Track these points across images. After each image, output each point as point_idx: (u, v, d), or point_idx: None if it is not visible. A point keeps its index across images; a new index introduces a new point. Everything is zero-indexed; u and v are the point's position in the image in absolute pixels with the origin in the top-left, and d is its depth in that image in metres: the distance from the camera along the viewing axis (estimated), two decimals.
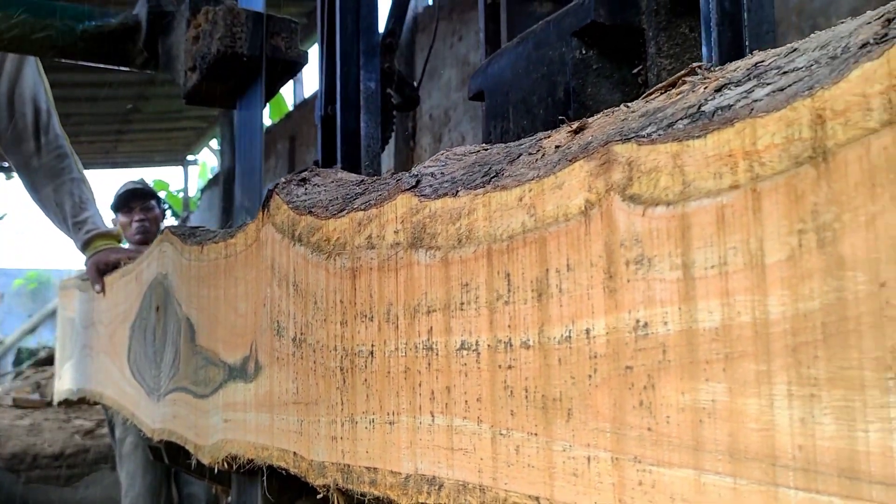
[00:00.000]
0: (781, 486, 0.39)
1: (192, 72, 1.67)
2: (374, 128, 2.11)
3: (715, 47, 1.04)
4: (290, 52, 1.63)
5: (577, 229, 0.51)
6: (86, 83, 7.59)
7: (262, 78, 1.58)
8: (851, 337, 0.36)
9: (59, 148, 2.67)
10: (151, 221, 3.50)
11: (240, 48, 1.54)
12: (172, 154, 12.13)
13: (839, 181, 0.37)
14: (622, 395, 0.48)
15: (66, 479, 4.81)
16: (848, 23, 0.41)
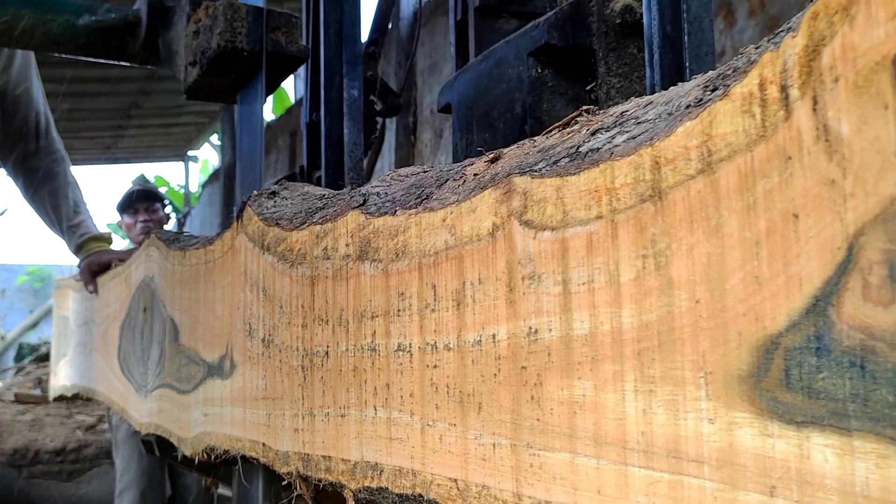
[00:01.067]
0: (629, 466, 0.47)
1: (193, 67, 1.67)
2: (357, 134, 2.18)
3: (657, 68, 1.13)
4: (291, 46, 1.62)
5: (486, 248, 0.60)
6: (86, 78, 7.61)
7: (263, 73, 1.58)
8: (677, 344, 0.44)
9: (57, 151, 2.73)
10: (156, 223, 3.58)
11: (240, 43, 1.53)
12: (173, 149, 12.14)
13: (669, 216, 0.45)
14: (518, 391, 0.56)
15: (67, 474, 4.81)
16: (686, 84, 0.49)
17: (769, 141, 0.40)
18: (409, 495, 0.68)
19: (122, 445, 3.05)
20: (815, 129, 0.38)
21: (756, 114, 0.40)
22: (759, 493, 0.40)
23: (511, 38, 1.29)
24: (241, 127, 1.80)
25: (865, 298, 0.35)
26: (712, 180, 0.42)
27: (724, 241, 0.42)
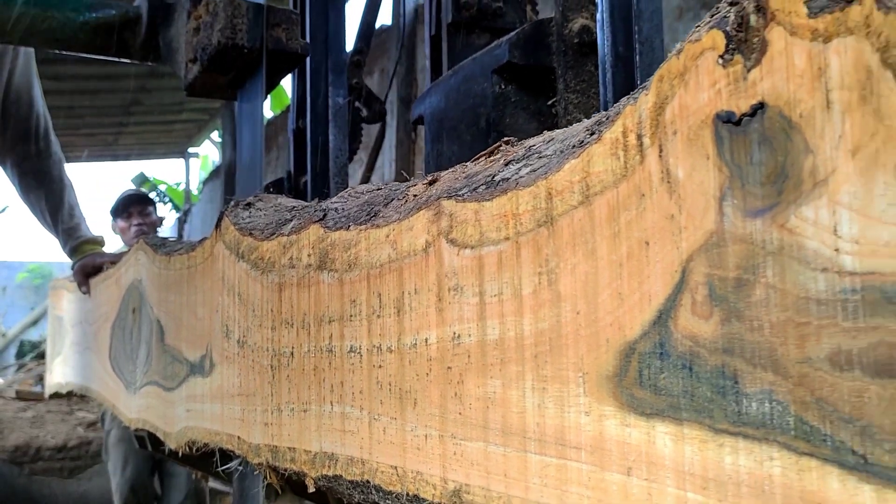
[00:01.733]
0: (528, 452, 0.55)
1: (193, 63, 1.66)
2: (342, 140, 2.25)
3: (610, 86, 1.20)
4: (291, 43, 1.62)
5: (421, 262, 0.67)
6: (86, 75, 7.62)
7: (263, 70, 1.57)
8: (563, 348, 0.52)
9: (55, 154, 2.80)
10: (149, 226, 3.69)
11: (240, 40, 1.52)
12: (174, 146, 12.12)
13: (559, 240, 0.53)
14: (445, 389, 0.64)
15: (69, 471, 4.87)
16: (578, 125, 0.57)
17: (629, 180, 0.48)
18: (358, 482, 0.76)
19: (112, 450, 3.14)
20: (660, 172, 0.45)
21: (620, 157, 0.48)
22: (620, 474, 0.47)
23: (477, 55, 1.37)
24: (241, 124, 1.80)
25: (693, 313, 0.43)
26: (589, 211, 0.50)
27: (597, 263, 0.50)
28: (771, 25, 0.39)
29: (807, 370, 0.37)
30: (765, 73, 0.40)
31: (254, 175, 1.72)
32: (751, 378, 0.40)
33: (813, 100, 0.37)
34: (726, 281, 0.41)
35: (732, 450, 0.41)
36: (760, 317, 0.40)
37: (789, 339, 0.38)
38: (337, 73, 2.24)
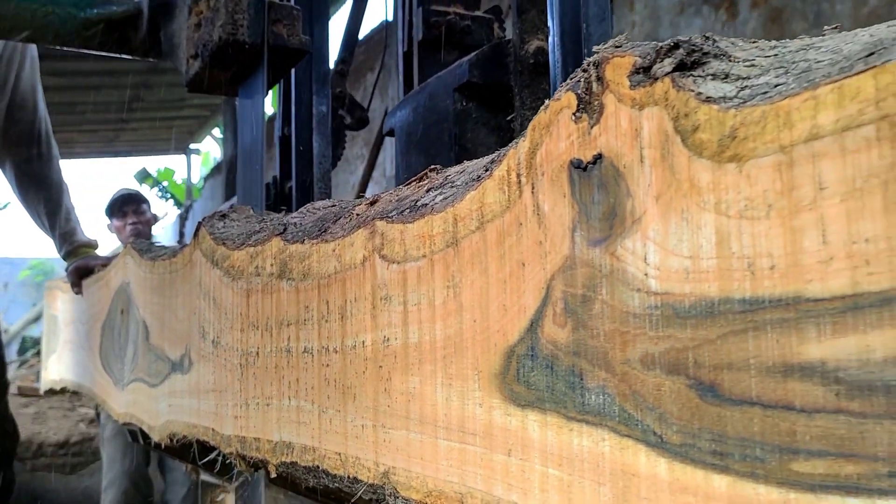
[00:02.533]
0: (439, 439, 0.65)
1: (194, 59, 1.65)
2: (326, 147, 2.35)
3: None
4: (293, 39, 1.61)
5: (359, 274, 0.77)
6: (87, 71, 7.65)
7: (265, 66, 1.57)
8: (464, 351, 0.62)
9: (55, 158, 2.88)
10: (144, 224, 3.78)
11: (242, 35, 1.51)
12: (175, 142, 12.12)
13: (461, 259, 0.62)
14: (377, 385, 0.74)
15: (71, 466, 4.87)
16: (482, 160, 0.67)
17: (511, 211, 0.57)
18: (310, 467, 0.86)
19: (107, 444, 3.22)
20: (533, 205, 0.55)
21: (505, 191, 0.58)
22: (503, 454, 0.57)
23: (442, 73, 1.47)
24: (242, 120, 1.77)
25: (553, 322, 0.53)
26: (483, 235, 0.60)
27: (489, 279, 0.59)
28: (606, 92, 0.49)
29: (627, 369, 0.47)
30: (602, 130, 0.49)
31: (255, 171, 1.70)
32: (591, 375, 0.50)
33: (632, 154, 0.47)
34: (576, 297, 0.51)
35: (578, 433, 0.51)
36: (597, 326, 0.49)
37: (616, 344, 0.48)
38: (320, 83, 2.34)
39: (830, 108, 0.36)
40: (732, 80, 0.42)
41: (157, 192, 13.36)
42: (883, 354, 0.34)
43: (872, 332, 0.35)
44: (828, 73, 0.37)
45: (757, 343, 0.39)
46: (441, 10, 1.67)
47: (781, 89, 0.39)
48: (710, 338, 0.42)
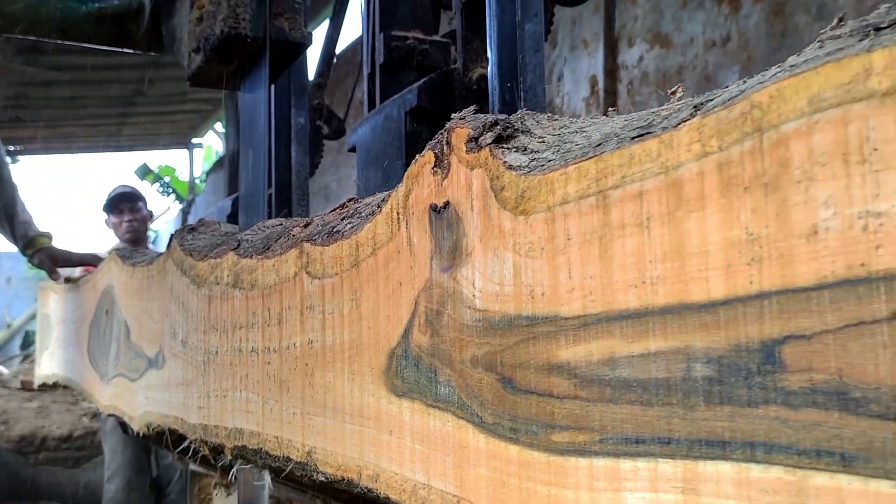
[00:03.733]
0: (346, 423, 0.79)
1: (196, 53, 1.65)
2: (303, 157, 2.49)
3: None
4: (295, 33, 1.60)
5: (292, 286, 0.92)
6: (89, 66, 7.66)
7: (267, 60, 1.57)
8: (363, 351, 0.77)
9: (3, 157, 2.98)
10: (140, 222, 3.88)
11: (243, 29, 1.51)
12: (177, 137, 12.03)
13: (361, 277, 0.77)
14: (304, 379, 0.88)
15: (74, 461, 4.90)
16: (379, 195, 0.81)
17: (393, 240, 0.72)
18: (256, 449, 1.01)
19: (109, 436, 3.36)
20: (407, 237, 0.70)
21: (390, 224, 0.73)
22: (386, 434, 0.72)
23: (396, 97, 1.61)
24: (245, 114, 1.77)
25: (419, 330, 0.68)
26: (376, 259, 0.75)
27: (378, 294, 0.74)
28: (452, 154, 0.64)
29: (462, 367, 0.62)
30: (449, 183, 0.64)
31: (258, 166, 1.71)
32: (441, 372, 0.65)
33: (466, 203, 0.62)
34: (433, 311, 0.66)
35: (433, 417, 0.65)
36: (446, 334, 0.64)
37: (457, 348, 0.63)
38: (299, 96, 2.47)
39: (573, 182, 0.51)
40: (528, 153, 0.57)
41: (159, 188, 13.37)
42: (598, 358, 0.49)
43: (593, 342, 0.49)
44: (576, 155, 0.52)
45: (535, 349, 0.54)
46: (401, 35, 1.81)
47: (552, 164, 0.54)
48: (509, 344, 0.57)
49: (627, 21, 4.65)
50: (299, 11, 1.68)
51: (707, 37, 4.11)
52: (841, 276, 0.36)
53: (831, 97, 0.36)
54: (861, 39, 0.36)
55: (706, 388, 0.42)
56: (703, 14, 4.11)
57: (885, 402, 0.34)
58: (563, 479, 0.51)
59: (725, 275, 0.41)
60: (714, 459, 0.42)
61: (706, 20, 4.08)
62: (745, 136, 0.40)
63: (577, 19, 5.01)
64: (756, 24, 3.79)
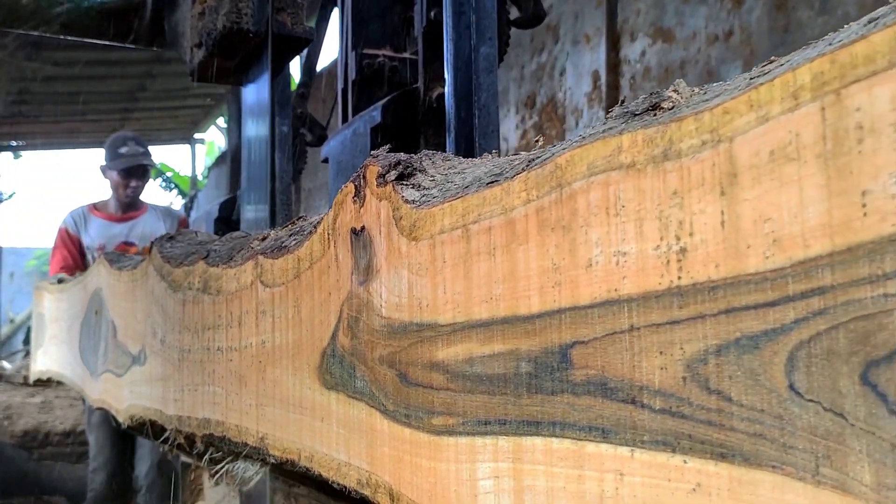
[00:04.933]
0: (289, 412, 0.92)
1: (198, 48, 1.69)
2: (287, 163, 2.60)
3: (453, 144, 1.57)
4: (296, 28, 1.63)
5: (249, 293, 1.05)
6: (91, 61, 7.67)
7: (269, 54, 1.60)
8: (303, 350, 0.89)
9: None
10: (144, 186, 3.73)
11: (245, 24, 1.54)
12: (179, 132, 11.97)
13: (301, 287, 0.90)
14: (258, 374, 1.01)
15: (77, 456, 4.87)
16: (316, 217, 0.94)
17: (325, 256, 0.85)
18: (221, 437, 1.14)
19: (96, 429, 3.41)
20: (335, 254, 0.83)
21: (323, 242, 0.85)
22: (319, 421, 0.85)
23: (363, 113, 1.74)
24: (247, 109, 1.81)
25: (342, 333, 0.80)
26: (312, 272, 0.87)
27: (313, 302, 0.87)
28: (366, 187, 0.76)
29: (373, 365, 0.75)
30: (365, 211, 0.77)
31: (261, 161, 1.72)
32: (358, 368, 0.77)
33: (377, 229, 0.74)
34: (352, 317, 0.79)
35: (352, 406, 0.78)
36: (361, 337, 0.77)
37: (369, 349, 0.75)
38: (282, 105, 2.59)
39: (448, 216, 0.64)
40: (421, 190, 0.70)
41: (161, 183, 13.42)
42: (462, 357, 0.62)
43: (459, 345, 0.62)
44: (452, 194, 0.64)
45: (421, 350, 0.67)
46: (372, 54, 1.94)
47: (435, 200, 0.66)
48: (405, 346, 0.69)
49: (630, 15, 4.64)
50: (301, 6, 1.71)
51: (709, 31, 4.08)
52: (604, 297, 0.49)
53: (600, 165, 0.49)
54: (622, 122, 0.49)
55: (527, 381, 0.55)
56: (705, 8, 4.11)
57: (627, 390, 0.47)
58: (439, 454, 0.64)
59: (540, 294, 0.54)
60: (531, 436, 0.54)
61: (709, 15, 4.09)
62: (552, 189, 0.53)
63: (579, 14, 5.00)
64: (758, 18, 3.80)
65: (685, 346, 0.43)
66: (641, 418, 0.46)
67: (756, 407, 0.39)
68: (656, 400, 0.45)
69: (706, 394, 0.42)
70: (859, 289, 0.35)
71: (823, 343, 0.36)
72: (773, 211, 0.39)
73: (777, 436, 0.38)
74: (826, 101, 0.36)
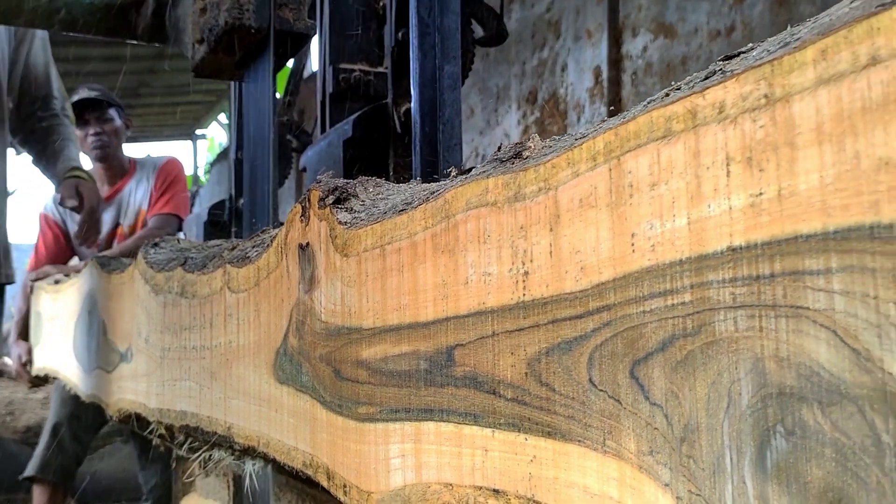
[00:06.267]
0: (250, 404, 1.04)
1: (200, 44, 1.69)
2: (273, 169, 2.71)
3: (419, 156, 1.69)
4: (298, 23, 1.64)
5: (219, 298, 1.17)
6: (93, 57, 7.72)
7: (271, 50, 1.61)
8: (262, 349, 1.01)
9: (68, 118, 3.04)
10: (110, 134, 3.23)
11: (247, 20, 1.55)
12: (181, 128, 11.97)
13: (261, 293, 1.02)
14: (226, 370, 1.13)
15: None
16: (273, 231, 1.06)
17: (279, 267, 0.97)
18: (194, 427, 1.26)
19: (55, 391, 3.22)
20: (286, 266, 0.94)
21: (277, 255, 0.97)
22: (275, 412, 0.97)
23: (337, 126, 1.85)
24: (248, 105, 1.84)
25: (292, 335, 0.92)
26: (269, 280, 0.99)
27: (271, 307, 0.99)
28: (310, 208, 0.88)
29: (315, 362, 0.87)
30: (309, 229, 0.88)
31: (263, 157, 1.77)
32: (304, 366, 0.89)
33: (318, 245, 0.86)
34: (300, 321, 0.90)
35: (300, 398, 0.90)
36: (306, 338, 0.89)
37: (312, 348, 0.87)
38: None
39: (370, 237, 0.76)
40: (352, 213, 0.82)
41: None
42: (379, 357, 0.74)
43: (377, 346, 0.74)
44: (374, 218, 0.76)
45: (350, 350, 0.79)
46: (348, 68, 2.06)
47: (362, 223, 0.78)
48: (338, 346, 0.81)
49: (632, 11, 4.67)
50: (303, 2, 1.73)
51: (711, 27, 4.12)
52: (476, 308, 0.60)
53: (474, 202, 0.61)
54: (491, 167, 0.61)
55: (424, 376, 0.67)
56: (707, 4, 4.13)
57: (490, 383, 0.59)
58: (363, 438, 0.76)
59: (433, 305, 0.66)
60: (427, 421, 0.66)
61: (710, 10, 4.11)
62: (442, 218, 0.65)
63: (581, 10, 5.03)
64: (761, 13, 3.84)
65: (527, 348, 0.55)
66: (499, 406, 0.58)
67: (569, 395, 0.51)
68: (508, 391, 0.57)
69: (539, 386, 0.54)
70: (629, 306, 0.47)
71: (608, 347, 0.48)
72: (581, 245, 0.51)
73: (581, 417, 0.50)
74: (612, 164, 0.48)
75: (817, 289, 0.37)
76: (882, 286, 0.34)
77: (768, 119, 0.39)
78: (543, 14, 5.62)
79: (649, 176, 0.46)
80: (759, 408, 0.40)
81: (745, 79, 0.41)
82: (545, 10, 5.54)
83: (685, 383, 0.44)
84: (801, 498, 0.37)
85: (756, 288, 0.40)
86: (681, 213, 0.44)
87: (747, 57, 0.44)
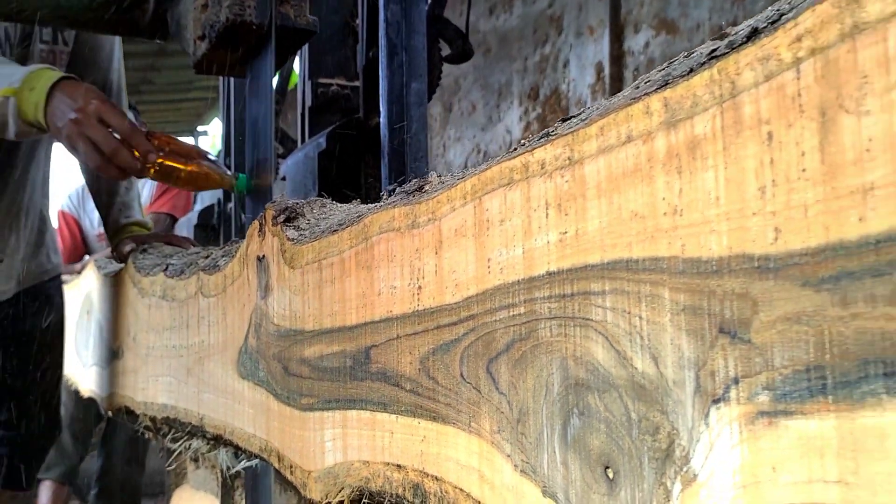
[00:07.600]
0: (220, 398, 1.17)
1: (202, 40, 1.67)
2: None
3: (387, 168, 1.81)
4: (300, 20, 1.61)
5: (194, 302, 1.29)
6: None
7: (272, 47, 1.59)
8: (229, 347, 1.14)
9: None
10: None
11: (249, 16, 1.53)
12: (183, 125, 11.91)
13: (228, 298, 1.14)
14: (200, 367, 1.26)
15: None
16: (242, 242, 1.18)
17: (242, 276, 1.09)
18: (173, 418, 1.38)
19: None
20: (247, 275, 1.07)
21: (240, 265, 1.10)
22: (238, 404, 1.09)
23: (312, 139, 1.98)
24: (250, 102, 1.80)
25: (251, 336, 1.05)
26: (234, 287, 1.12)
27: (236, 310, 1.11)
28: (266, 225, 1.01)
29: (269, 360, 0.99)
30: (265, 242, 1.01)
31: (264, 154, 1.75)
32: (261, 363, 1.02)
33: (272, 257, 0.99)
34: (257, 324, 1.03)
35: (257, 391, 1.03)
36: (262, 339, 1.01)
37: (267, 347, 1.00)
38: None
39: (310, 253, 0.88)
40: (299, 231, 0.94)
41: None
42: (318, 355, 0.86)
43: (316, 345, 0.86)
44: (315, 236, 0.89)
45: (296, 349, 0.91)
46: (326, 83, 2.18)
47: (305, 240, 0.91)
48: (287, 346, 0.94)
49: (633, 7, 4.69)
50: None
51: (714, 23, 4.13)
52: (385, 316, 0.73)
53: (385, 227, 0.73)
54: (398, 198, 0.73)
55: (350, 372, 0.79)
56: (709, 0, 4.15)
57: (395, 377, 0.71)
58: (304, 425, 0.89)
59: (356, 312, 0.78)
60: (351, 409, 0.79)
61: (712, 6, 4.13)
62: (362, 239, 0.77)
63: (582, 6, 5.05)
64: (762, 9, 3.91)
65: (420, 349, 0.68)
66: (401, 396, 0.70)
67: (448, 387, 0.64)
68: (407, 384, 0.69)
69: (428, 379, 0.66)
70: (487, 316, 0.59)
71: (473, 348, 0.61)
72: (456, 266, 0.63)
73: (455, 404, 0.63)
74: (476, 202, 0.61)
75: (598, 305, 0.49)
76: (633, 304, 0.47)
77: (571, 176, 0.52)
78: (545, 10, 5.67)
79: (499, 214, 0.58)
80: (564, 395, 0.52)
81: (557, 143, 0.53)
82: (547, 6, 5.60)
83: (521, 377, 0.56)
84: (587, 462, 0.50)
85: (563, 303, 0.52)
86: (518, 244, 0.56)
87: (571, 123, 0.56)
